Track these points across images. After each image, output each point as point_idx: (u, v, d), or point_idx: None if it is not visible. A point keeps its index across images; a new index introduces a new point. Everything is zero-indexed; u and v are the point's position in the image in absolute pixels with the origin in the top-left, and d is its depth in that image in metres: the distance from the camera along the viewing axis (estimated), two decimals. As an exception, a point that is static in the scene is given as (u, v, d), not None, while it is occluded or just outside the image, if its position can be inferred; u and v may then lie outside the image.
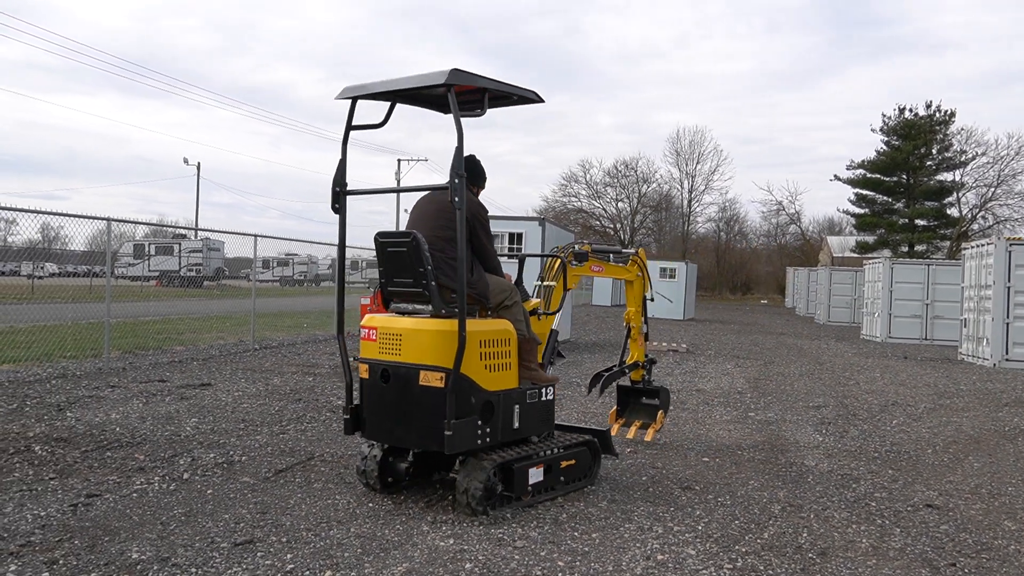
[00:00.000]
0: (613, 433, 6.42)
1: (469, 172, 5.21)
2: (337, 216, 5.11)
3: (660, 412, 6.78)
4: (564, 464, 5.22)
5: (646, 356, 6.90)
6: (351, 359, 5.18)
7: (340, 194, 5.03)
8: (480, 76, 4.70)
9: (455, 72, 4.50)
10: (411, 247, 4.70)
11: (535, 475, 4.97)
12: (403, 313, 4.99)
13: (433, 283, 4.69)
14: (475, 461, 4.69)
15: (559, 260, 5.90)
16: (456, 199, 4.46)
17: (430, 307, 4.77)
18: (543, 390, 5.21)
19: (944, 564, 4.21)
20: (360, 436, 5.08)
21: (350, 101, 5.08)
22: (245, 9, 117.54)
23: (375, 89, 5.00)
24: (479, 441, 4.69)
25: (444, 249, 4.80)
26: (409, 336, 4.75)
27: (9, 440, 6.20)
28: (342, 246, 5.26)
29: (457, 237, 4.57)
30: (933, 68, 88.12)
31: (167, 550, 4.00)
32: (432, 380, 4.59)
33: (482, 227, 5.05)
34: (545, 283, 5.83)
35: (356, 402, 5.08)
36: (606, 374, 6.58)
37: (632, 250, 6.85)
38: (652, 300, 7.00)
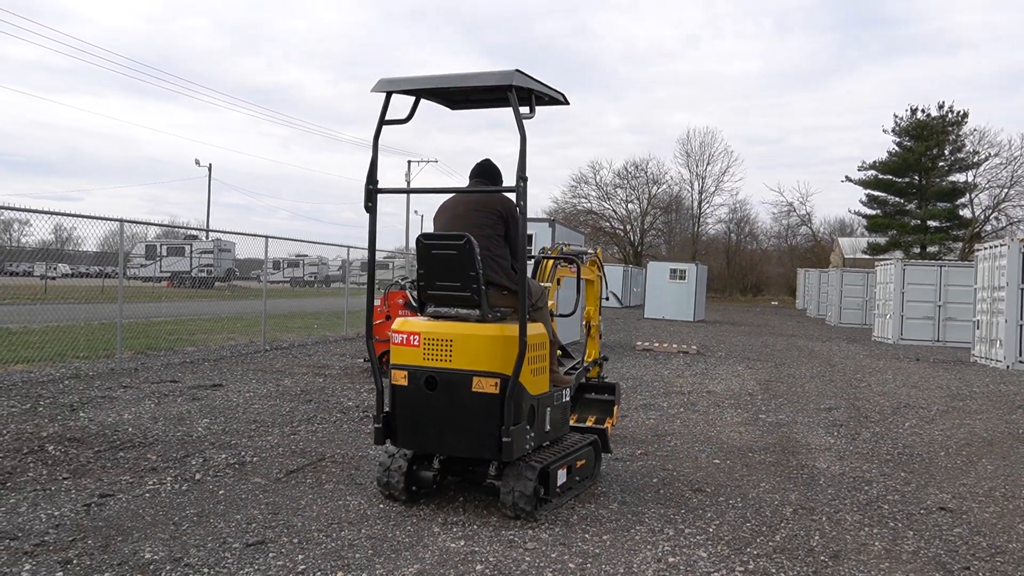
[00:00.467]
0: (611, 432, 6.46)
1: (489, 174, 5.22)
2: (368, 215, 4.92)
3: (615, 407, 6.80)
4: (579, 464, 5.24)
5: (600, 353, 7.06)
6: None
7: (373, 192, 4.89)
8: (535, 79, 4.74)
9: (518, 74, 4.52)
10: (464, 250, 4.60)
11: (561, 476, 4.97)
12: (440, 317, 4.85)
13: (483, 287, 4.62)
14: (521, 465, 4.64)
15: (552, 262, 6.09)
16: (522, 202, 4.45)
17: (476, 311, 4.68)
18: (563, 392, 5.22)
19: (958, 568, 4.18)
20: (391, 445, 4.91)
21: (384, 95, 4.88)
22: (253, 10, 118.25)
23: (415, 85, 4.89)
24: (527, 446, 4.67)
25: (488, 247, 4.76)
26: (461, 341, 4.62)
27: (23, 440, 6.24)
28: (372, 246, 5.08)
29: (518, 241, 4.60)
30: (945, 68, 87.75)
31: (180, 550, 4.02)
32: (486, 386, 4.51)
33: (515, 226, 4.95)
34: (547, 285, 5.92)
35: (387, 409, 4.90)
36: (574, 372, 6.63)
37: (591, 251, 7.01)
38: (607, 300, 7.24)
